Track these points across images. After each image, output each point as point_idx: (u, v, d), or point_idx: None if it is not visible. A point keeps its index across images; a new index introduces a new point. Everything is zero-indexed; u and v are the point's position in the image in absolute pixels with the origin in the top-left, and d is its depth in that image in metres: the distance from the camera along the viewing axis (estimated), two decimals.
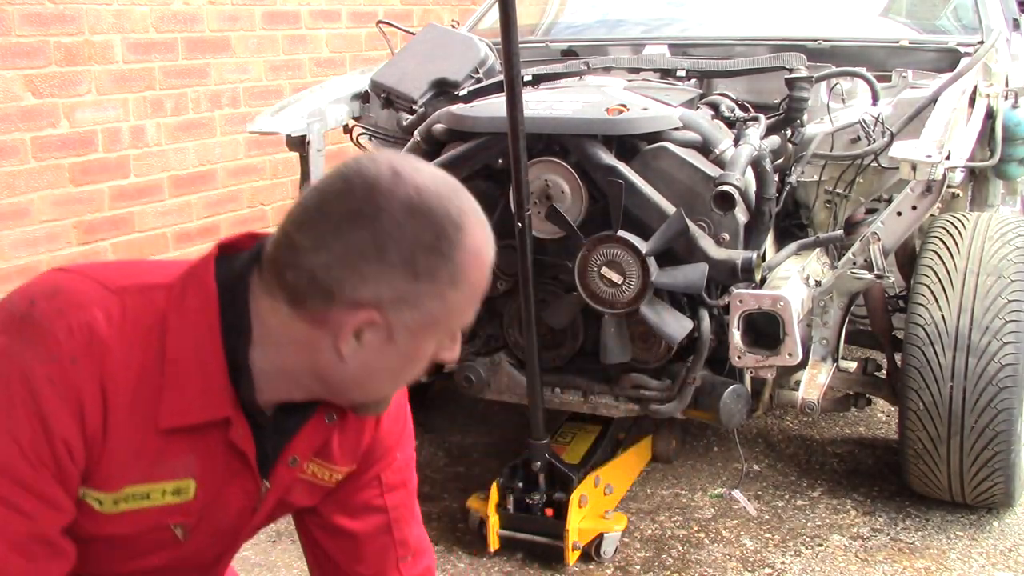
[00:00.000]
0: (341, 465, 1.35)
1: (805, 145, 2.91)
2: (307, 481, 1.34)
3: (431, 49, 3.29)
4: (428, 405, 3.78)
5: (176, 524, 1.24)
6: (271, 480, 1.28)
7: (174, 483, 1.20)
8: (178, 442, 1.17)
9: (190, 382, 1.15)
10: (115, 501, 1.17)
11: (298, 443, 1.28)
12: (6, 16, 3.62)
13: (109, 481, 1.15)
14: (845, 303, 2.84)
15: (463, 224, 1.16)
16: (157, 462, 1.17)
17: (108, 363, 1.12)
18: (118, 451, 1.14)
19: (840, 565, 2.67)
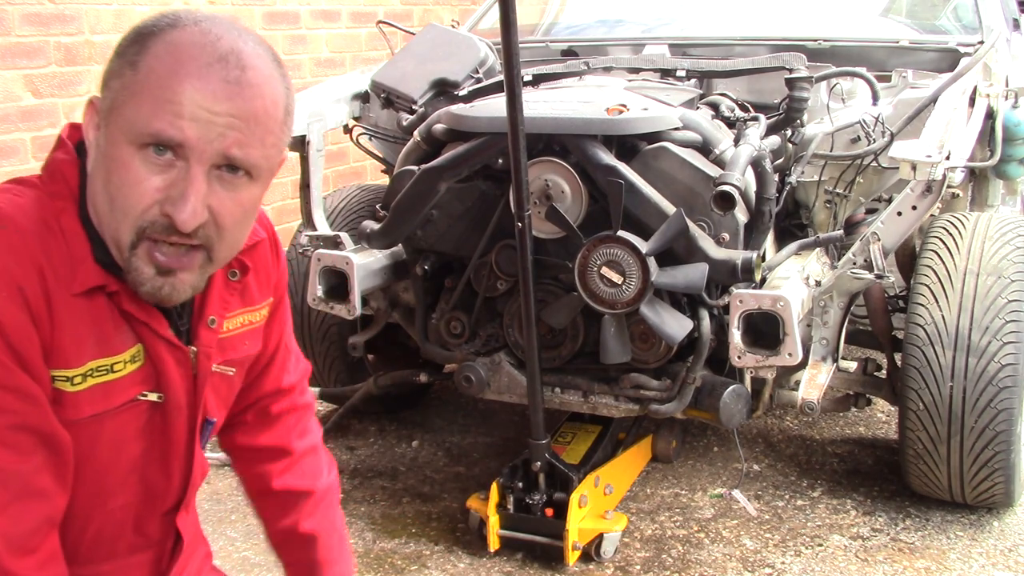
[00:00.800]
0: (262, 301, 1.45)
1: (805, 145, 2.91)
2: (243, 332, 1.42)
3: (431, 49, 3.29)
4: (428, 405, 3.78)
5: (145, 392, 1.29)
6: (196, 344, 1.34)
7: (129, 352, 1.26)
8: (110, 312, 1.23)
9: (85, 252, 1.20)
10: (83, 376, 1.21)
11: (209, 305, 1.35)
12: (6, 16, 3.62)
13: (70, 358, 1.20)
14: (845, 303, 2.84)
15: (181, 24, 1.17)
16: (105, 335, 1.23)
17: (30, 242, 1.17)
18: (67, 325, 1.18)
19: (840, 565, 2.67)
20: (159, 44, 1.15)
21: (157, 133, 1.14)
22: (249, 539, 2.83)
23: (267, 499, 1.60)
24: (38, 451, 1.18)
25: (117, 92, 1.17)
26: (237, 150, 1.17)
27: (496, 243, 2.70)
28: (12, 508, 1.16)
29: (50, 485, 1.20)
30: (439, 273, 2.88)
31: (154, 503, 1.39)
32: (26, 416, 1.16)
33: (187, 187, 1.16)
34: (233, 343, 1.41)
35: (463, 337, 2.86)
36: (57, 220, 1.20)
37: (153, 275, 1.20)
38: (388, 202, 2.84)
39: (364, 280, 2.80)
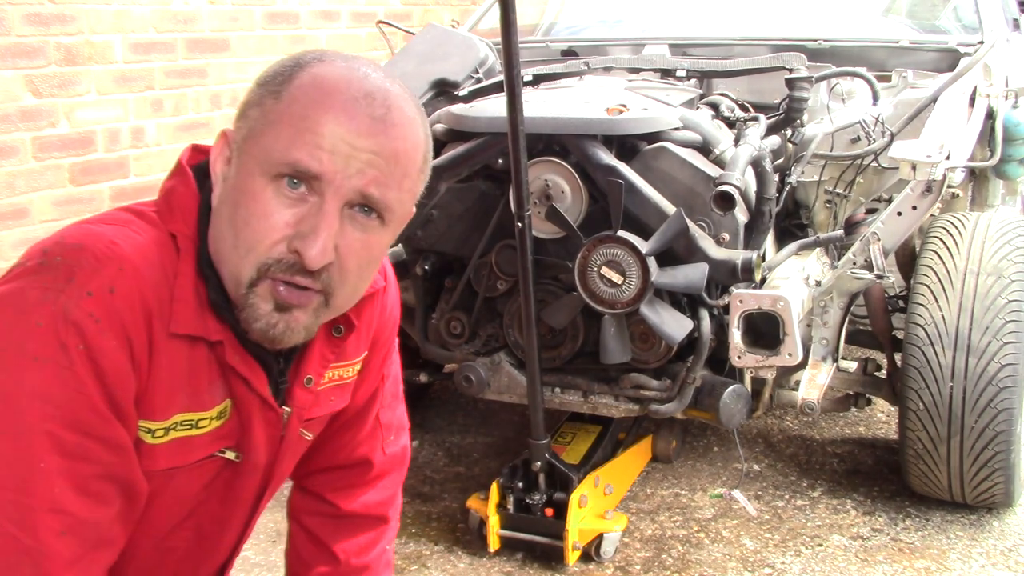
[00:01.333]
0: (357, 356, 1.36)
1: (805, 145, 2.91)
2: (330, 388, 1.34)
3: (431, 49, 3.29)
4: (428, 405, 3.78)
5: (224, 448, 1.24)
6: (290, 404, 1.28)
7: (217, 408, 1.21)
8: (207, 364, 1.18)
9: (191, 296, 1.15)
10: (165, 430, 1.17)
11: (308, 363, 1.27)
12: (6, 16, 3.61)
13: (157, 410, 1.15)
14: (845, 303, 2.84)
15: (328, 59, 1.14)
16: (197, 388, 1.17)
17: (145, 287, 1.11)
18: (163, 372, 1.14)
19: (840, 565, 2.67)
20: (305, 75, 1.12)
21: (295, 163, 1.09)
22: (249, 539, 2.83)
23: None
24: (117, 501, 1.14)
25: (255, 121, 1.12)
26: (375, 188, 1.12)
27: (496, 243, 2.70)
28: (86, 559, 1.11)
29: (119, 534, 1.16)
30: (439, 273, 2.88)
31: (205, 554, 1.35)
32: (113, 467, 1.12)
33: (319, 222, 1.10)
34: (319, 400, 1.33)
35: (463, 337, 2.86)
36: (174, 266, 1.14)
37: (270, 311, 1.14)
38: None
39: None
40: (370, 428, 1.47)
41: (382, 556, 1.54)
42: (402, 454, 1.55)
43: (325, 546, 1.50)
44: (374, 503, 1.51)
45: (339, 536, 1.50)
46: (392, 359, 1.48)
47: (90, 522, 1.11)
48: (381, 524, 1.53)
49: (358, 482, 1.50)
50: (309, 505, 1.53)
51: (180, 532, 1.29)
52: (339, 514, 1.50)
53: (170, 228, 1.17)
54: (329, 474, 1.49)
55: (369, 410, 1.46)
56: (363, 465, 1.49)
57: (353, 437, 1.46)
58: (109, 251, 1.10)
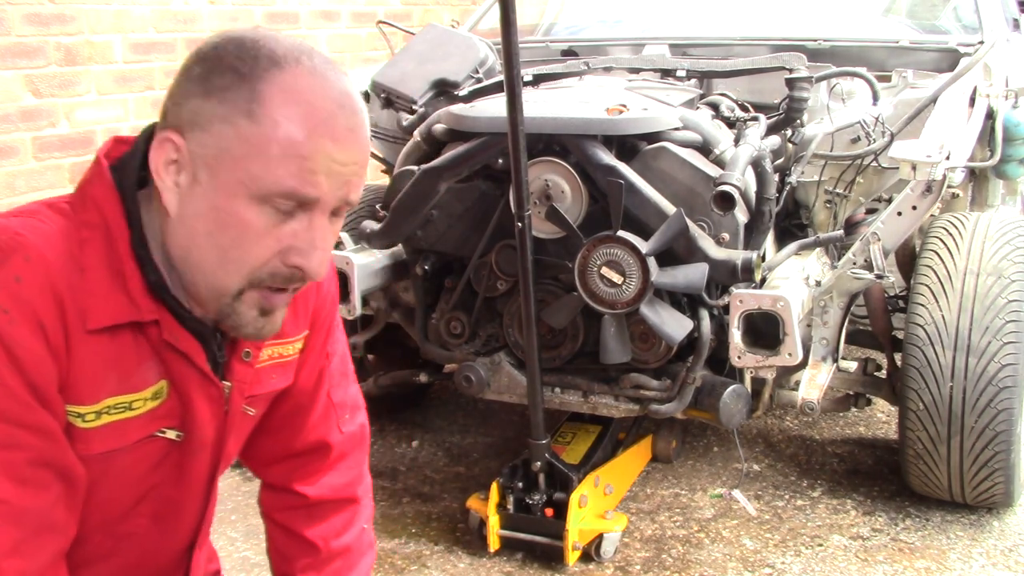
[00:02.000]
0: (296, 334, 1.38)
1: (805, 145, 2.91)
2: (271, 366, 1.36)
3: (431, 49, 3.29)
4: (428, 405, 3.78)
5: (164, 428, 1.25)
6: (230, 378, 1.29)
7: (151, 389, 1.22)
8: (136, 348, 1.19)
9: (108, 288, 1.15)
10: (96, 414, 1.18)
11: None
12: (6, 16, 3.62)
13: (84, 395, 1.16)
14: (845, 303, 2.84)
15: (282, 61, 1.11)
16: (126, 371, 1.18)
17: (53, 274, 1.12)
18: (85, 361, 1.15)
19: (840, 565, 2.67)
20: (274, 91, 1.09)
21: (291, 191, 1.10)
22: (249, 539, 2.83)
23: None
24: (55, 485, 1.15)
25: (231, 142, 1.10)
26: (354, 194, 1.16)
27: (496, 243, 2.70)
28: (29, 545, 1.13)
29: (64, 518, 1.18)
30: (439, 273, 2.88)
31: (166, 537, 1.36)
32: (43, 451, 1.13)
33: (315, 237, 1.14)
34: (260, 376, 1.35)
35: (463, 337, 2.86)
36: (81, 252, 1.15)
37: (256, 316, 1.18)
38: (388, 202, 2.84)
39: (364, 280, 2.79)
40: (323, 409, 1.48)
41: (361, 537, 1.56)
42: (360, 432, 1.56)
43: (300, 536, 1.51)
44: (340, 485, 1.53)
45: (311, 523, 1.51)
46: (336, 337, 1.48)
47: (29, 509, 1.13)
48: (351, 505, 1.55)
49: (320, 466, 1.51)
50: (277, 500, 1.54)
51: (135, 517, 1.30)
52: (307, 503, 1.51)
53: (81, 218, 1.17)
54: (290, 462, 1.51)
55: (319, 390, 1.47)
56: (322, 448, 1.50)
57: (307, 419, 1.47)
58: (14, 241, 1.11)
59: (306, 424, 1.47)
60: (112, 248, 1.16)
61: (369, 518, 1.59)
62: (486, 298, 2.79)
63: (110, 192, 1.18)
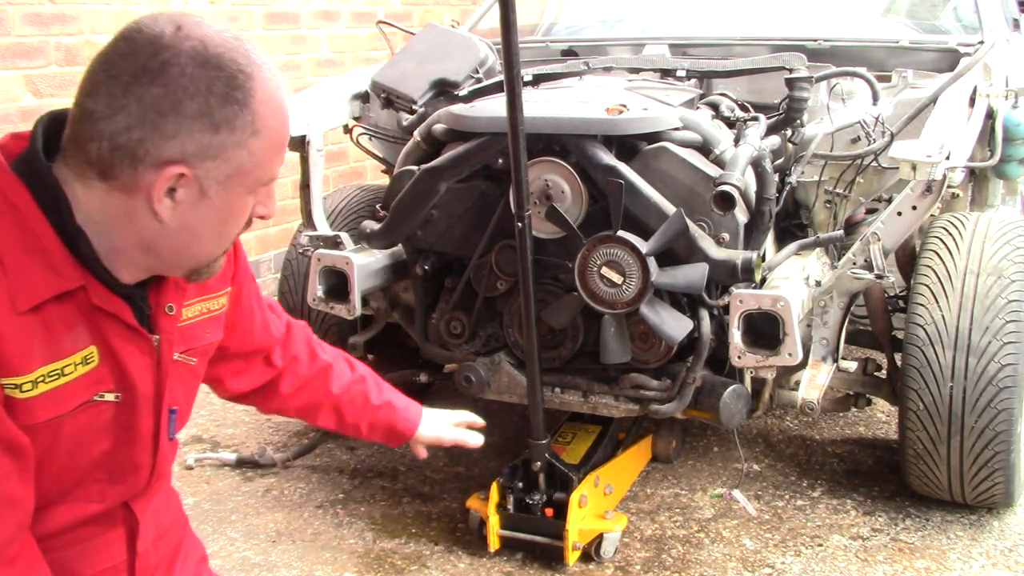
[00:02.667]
0: (220, 289, 1.50)
1: (805, 145, 2.91)
2: (200, 320, 1.47)
3: (431, 49, 3.29)
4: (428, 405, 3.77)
5: (102, 392, 1.30)
6: (157, 331, 1.36)
7: (81, 354, 1.26)
8: (61, 316, 1.23)
9: (27, 267, 1.19)
10: (32, 383, 1.21)
11: (165, 293, 1.37)
12: (6, 16, 3.62)
13: (17, 366, 1.19)
14: (845, 303, 2.84)
15: (253, 73, 1.22)
16: (55, 340, 1.22)
17: None
18: (11, 336, 1.18)
19: (840, 565, 2.67)
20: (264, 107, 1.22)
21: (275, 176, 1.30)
22: (249, 539, 2.83)
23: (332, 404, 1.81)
24: (3, 460, 1.18)
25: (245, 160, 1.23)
26: None
27: (496, 243, 2.70)
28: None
29: (18, 490, 1.21)
30: (439, 273, 2.88)
31: (122, 495, 1.41)
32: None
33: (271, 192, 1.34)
34: (194, 331, 1.46)
35: (463, 337, 2.86)
36: None
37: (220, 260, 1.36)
38: (388, 202, 2.84)
39: (364, 280, 2.80)
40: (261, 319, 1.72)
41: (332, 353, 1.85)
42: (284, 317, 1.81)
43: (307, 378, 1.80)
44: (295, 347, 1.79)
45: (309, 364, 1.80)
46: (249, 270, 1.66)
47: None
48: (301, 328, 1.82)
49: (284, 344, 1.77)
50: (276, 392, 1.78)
51: (92, 483, 1.35)
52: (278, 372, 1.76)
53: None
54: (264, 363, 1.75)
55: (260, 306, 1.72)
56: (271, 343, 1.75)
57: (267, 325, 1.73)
58: None
59: (267, 327, 1.73)
60: (25, 229, 1.20)
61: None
62: (486, 298, 2.79)
63: (11, 179, 1.22)
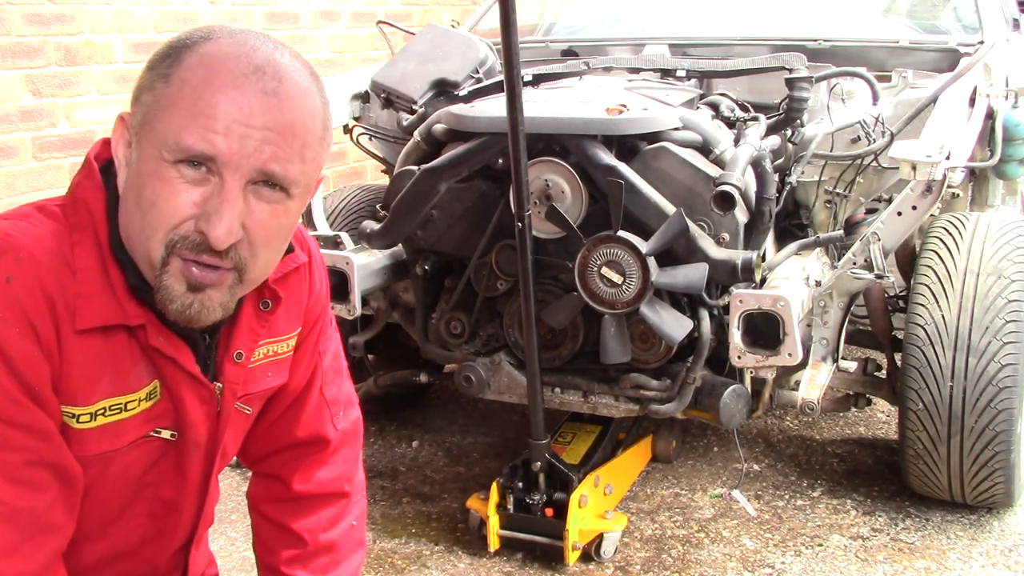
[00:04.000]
0: (290, 332, 1.37)
1: (805, 145, 2.91)
2: (266, 364, 1.35)
3: (431, 49, 3.29)
4: (428, 405, 3.78)
5: (159, 429, 1.25)
6: (221, 380, 1.29)
7: (146, 389, 1.21)
8: (130, 350, 1.18)
9: (99, 289, 1.15)
10: (91, 415, 1.18)
11: (237, 338, 1.28)
12: (6, 16, 3.62)
13: (78, 396, 1.16)
14: (845, 303, 2.84)
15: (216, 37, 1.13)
16: (122, 373, 1.18)
17: (44, 275, 1.12)
18: (78, 362, 1.14)
19: (840, 565, 2.67)
20: (193, 56, 1.11)
21: (188, 148, 1.09)
22: (249, 539, 2.82)
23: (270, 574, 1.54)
24: (52, 486, 1.15)
25: (149, 106, 1.12)
26: (275, 165, 1.12)
27: (496, 243, 2.70)
28: (27, 545, 1.13)
29: (62, 519, 1.18)
30: (439, 273, 2.88)
31: (163, 537, 1.36)
32: (40, 452, 1.13)
33: (222, 203, 1.10)
34: (255, 375, 1.34)
35: (463, 337, 2.86)
36: (72, 254, 1.15)
37: (184, 292, 1.14)
38: (388, 202, 2.84)
39: (364, 280, 2.79)
40: (316, 405, 1.48)
41: (349, 533, 1.54)
42: (354, 429, 1.56)
43: (286, 528, 1.50)
44: (329, 479, 1.52)
45: (298, 516, 1.50)
46: (328, 335, 1.49)
47: (25, 509, 1.12)
48: (341, 499, 1.53)
49: (312, 461, 1.51)
50: (265, 491, 1.54)
51: (132, 517, 1.30)
52: (295, 496, 1.50)
53: (71, 221, 1.17)
54: (283, 455, 1.51)
55: (311, 387, 1.47)
56: (315, 443, 1.50)
57: (300, 415, 1.47)
58: (4, 243, 1.12)
59: (299, 420, 1.47)
60: (101, 250, 1.16)
61: (361, 515, 1.58)
62: (486, 298, 2.79)
63: (99, 194, 1.18)
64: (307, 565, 1.50)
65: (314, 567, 1.50)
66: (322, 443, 1.50)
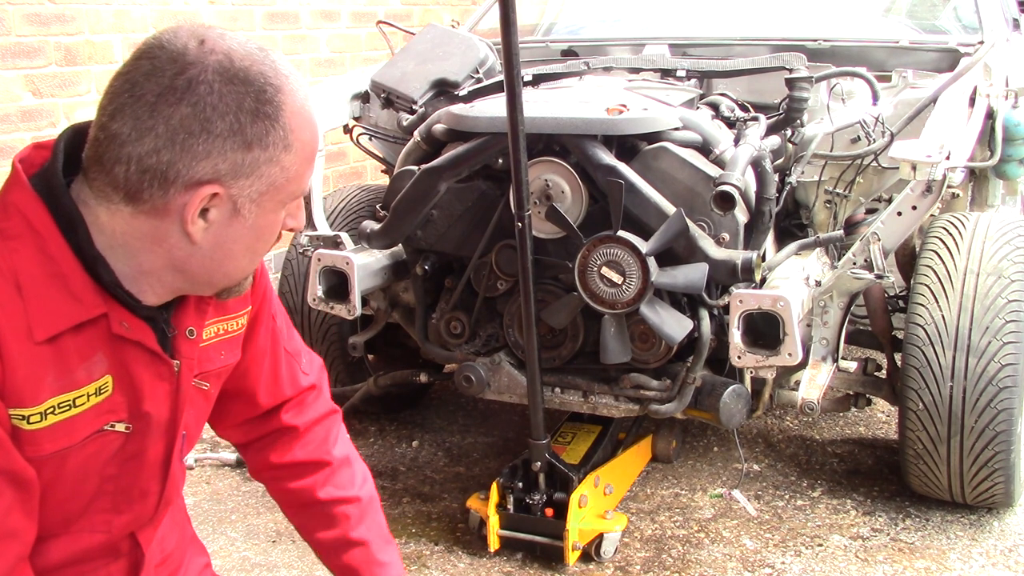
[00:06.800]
0: (240, 310, 1.43)
1: (805, 145, 2.91)
2: (218, 342, 1.40)
3: (431, 49, 3.29)
4: (428, 405, 3.78)
5: (112, 423, 1.25)
6: (178, 356, 1.31)
7: (95, 384, 1.22)
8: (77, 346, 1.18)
9: (48, 295, 1.15)
10: (41, 415, 1.17)
11: (186, 315, 1.32)
12: (6, 16, 3.62)
13: (25, 397, 1.16)
14: (845, 303, 2.84)
15: (281, 85, 1.17)
16: (68, 370, 1.18)
17: None
18: (22, 366, 1.14)
19: (840, 565, 2.67)
20: (294, 120, 1.18)
21: (306, 189, 1.28)
22: (249, 539, 2.83)
23: (311, 511, 1.59)
24: (6, 492, 1.15)
25: (278, 176, 1.19)
26: None
27: (496, 243, 2.70)
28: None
29: (21, 523, 1.17)
30: (439, 273, 2.88)
31: (128, 524, 1.37)
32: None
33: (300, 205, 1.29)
34: (209, 353, 1.38)
35: (463, 337, 2.86)
36: (9, 263, 1.14)
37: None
38: (388, 202, 2.84)
39: (364, 280, 2.80)
40: (286, 361, 1.58)
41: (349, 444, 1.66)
42: (319, 369, 1.66)
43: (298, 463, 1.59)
44: (317, 414, 1.62)
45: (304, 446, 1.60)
46: (273, 300, 1.56)
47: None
48: (333, 414, 1.66)
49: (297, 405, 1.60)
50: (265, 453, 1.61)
51: (96, 512, 1.31)
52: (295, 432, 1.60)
53: (3, 228, 1.16)
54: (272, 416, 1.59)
55: (276, 347, 1.57)
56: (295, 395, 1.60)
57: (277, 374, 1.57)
58: None
59: (278, 378, 1.57)
60: (45, 253, 1.15)
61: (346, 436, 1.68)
62: (486, 298, 2.79)
63: (32, 198, 1.17)
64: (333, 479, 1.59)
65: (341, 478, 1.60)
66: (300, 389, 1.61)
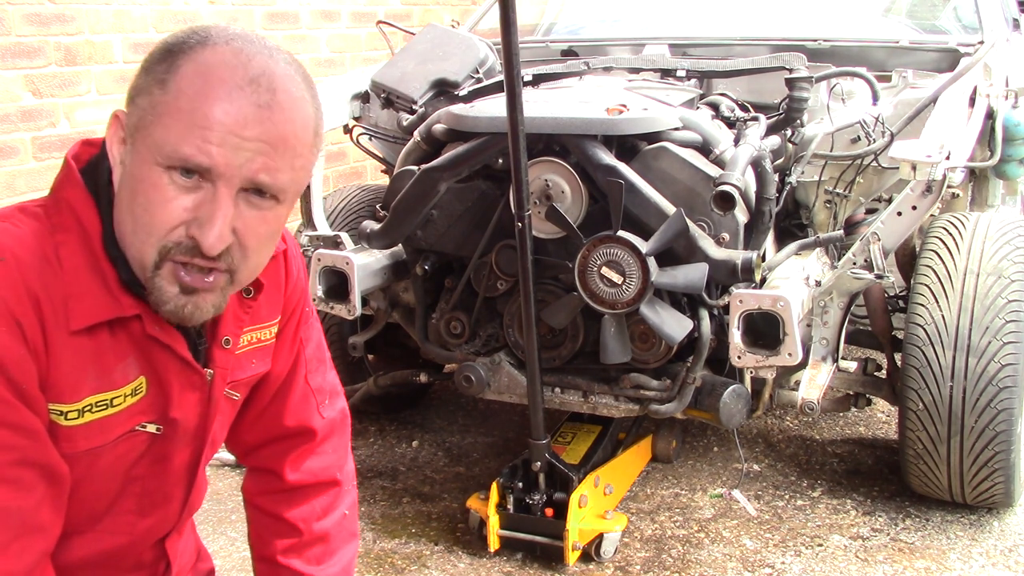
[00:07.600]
0: (271, 319, 1.41)
1: (805, 145, 2.91)
2: (251, 350, 1.39)
3: (431, 49, 3.29)
4: (428, 405, 3.78)
5: (144, 423, 1.27)
6: (212, 366, 1.32)
7: (131, 385, 1.23)
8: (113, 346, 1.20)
9: (89, 287, 1.17)
10: (79, 412, 1.19)
11: (223, 324, 1.32)
12: (6, 16, 3.62)
13: (65, 393, 1.17)
14: (845, 303, 2.84)
15: (213, 43, 1.14)
16: (106, 369, 1.20)
17: (28, 274, 1.14)
18: (64, 360, 1.16)
19: (840, 565, 2.67)
20: (189, 64, 1.13)
21: (185, 158, 1.12)
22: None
23: (267, 564, 1.55)
24: (39, 486, 1.16)
25: (145, 110, 1.14)
26: (265, 175, 1.15)
27: (496, 243, 2.70)
28: (14, 546, 1.14)
29: (49, 518, 1.19)
30: (439, 273, 2.88)
31: (151, 528, 1.37)
32: (27, 451, 1.14)
33: (214, 210, 1.14)
34: (240, 362, 1.38)
35: (463, 337, 2.86)
36: (56, 254, 1.16)
37: (176, 294, 1.17)
38: (388, 202, 2.84)
39: (364, 280, 2.80)
40: (301, 393, 1.51)
41: (342, 523, 1.57)
42: (341, 418, 1.59)
43: (280, 518, 1.53)
44: (320, 468, 1.55)
45: (292, 506, 1.53)
46: (308, 324, 1.51)
47: (12, 509, 1.13)
48: (332, 487, 1.56)
49: (302, 450, 1.54)
50: (260, 485, 1.56)
51: (120, 513, 1.32)
52: (287, 487, 1.53)
53: (54, 221, 1.19)
54: (273, 446, 1.53)
55: (295, 374, 1.50)
56: (303, 433, 1.53)
57: (286, 404, 1.50)
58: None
59: (285, 409, 1.50)
60: (89, 248, 1.18)
61: (352, 505, 1.60)
62: (486, 298, 2.79)
63: (82, 194, 1.20)
64: (302, 554, 1.52)
65: (309, 556, 1.52)
66: (310, 432, 1.53)
